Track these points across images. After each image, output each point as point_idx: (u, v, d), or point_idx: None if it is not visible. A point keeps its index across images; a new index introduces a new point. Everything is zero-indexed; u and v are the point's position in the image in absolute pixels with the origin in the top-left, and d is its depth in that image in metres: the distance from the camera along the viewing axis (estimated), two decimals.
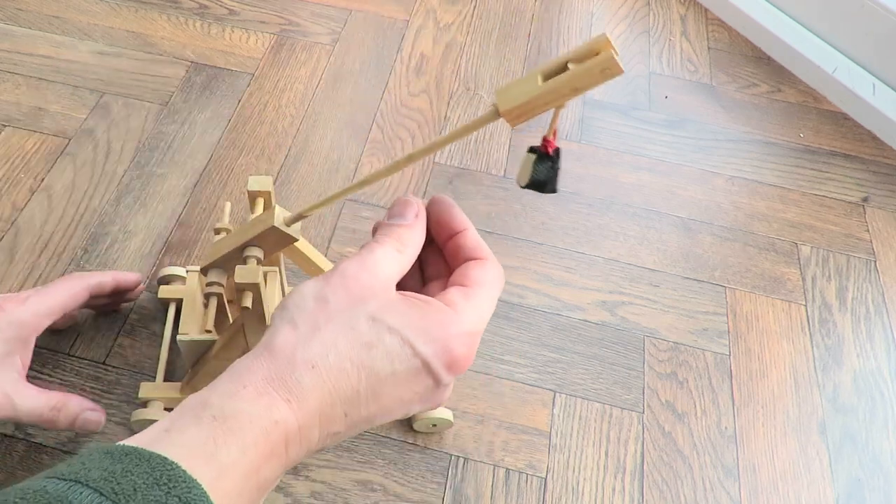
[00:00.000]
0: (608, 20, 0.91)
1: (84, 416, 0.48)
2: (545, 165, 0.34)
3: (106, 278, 0.54)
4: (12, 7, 0.82)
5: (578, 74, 0.29)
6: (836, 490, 0.55)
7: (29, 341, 0.48)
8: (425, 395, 0.31)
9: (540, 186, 0.33)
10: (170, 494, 0.23)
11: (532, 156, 0.34)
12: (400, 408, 0.31)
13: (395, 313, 0.30)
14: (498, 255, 0.59)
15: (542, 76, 0.30)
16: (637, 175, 0.74)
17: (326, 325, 0.29)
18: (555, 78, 0.30)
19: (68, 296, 0.50)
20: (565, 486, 0.53)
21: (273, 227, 0.40)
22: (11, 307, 0.47)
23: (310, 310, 0.30)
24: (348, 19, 0.87)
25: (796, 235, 0.70)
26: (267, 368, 0.28)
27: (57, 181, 0.67)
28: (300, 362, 0.28)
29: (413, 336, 0.30)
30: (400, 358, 0.30)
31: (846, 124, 0.82)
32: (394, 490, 0.52)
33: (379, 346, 0.29)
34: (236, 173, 0.69)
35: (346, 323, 0.30)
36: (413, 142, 0.74)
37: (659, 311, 0.63)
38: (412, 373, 0.30)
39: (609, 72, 0.28)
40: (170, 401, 0.52)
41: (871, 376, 0.61)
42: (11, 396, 0.45)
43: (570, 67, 0.29)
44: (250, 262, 0.42)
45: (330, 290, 0.30)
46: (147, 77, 0.77)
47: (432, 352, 0.30)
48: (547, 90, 0.30)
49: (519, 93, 0.31)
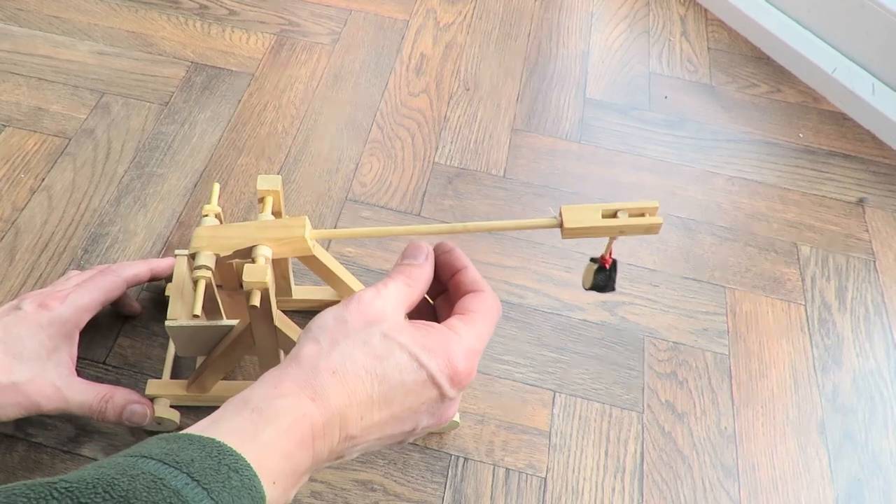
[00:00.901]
0: (608, 20, 0.91)
1: (130, 408, 0.50)
2: (603, 275, 0.44)
3: (142, 268, 0.55)
4: (12, 7, 0.82)
5: (629, 225, 0.40)
6: (835, 490, 0.55)
7: (73, 336, 0.50)
8: (432, 406, 0.36)
9: (600, 290, 0.45)
10: (221, 463, 0.28)
11: (594, 265, 0.44)
12: (409, 418, 0.35)
13: (404, 333, 0.35)
14: (498, 255, 0.61)
15: (602, 213, 0.40)
16: (637, 175, 0.74)
17: (345, 340, 0.35)
18: (611, 219, 0.40)
19: (106, 289, 0.52)
20: (565, 485, 0.53)
21: (301, 237, 0.42)
22: (54, 304, 0.49)
23: (330, 328, 0.35)
24: (348, 19, 0.87)
25: (796, 235, 0.70)
26: (295, 374, 0.34)
27: (57, 181, 0.67)
28: (323, 369, 0.34)
29: (419, 351, 0.35)
30: (408, 370, 0.35)
31: (846, 124, 0.82)
32: (394, 490, 0.52)
33: (390, 358, 0.34)
34: (236, 173, 0.70)
35: (362, 339, 0.35)
36: (413, 142, 0.75)
37: (659, 311, 0.63)
38: (419, 383, 0.35)
39: (650, 230, 0.40)
40: (176, 398, 0.52)
41: (870, 376, 0.61)
42: (62, 389, 0.48)
43: (619, 216, 0.40)
44: (259, 260, 0.42)
45: (348, 313, 0.36)
46: (147, 77, 0.77)
47: (436, 365, 0.35)
48: (603, 226, 0.40)
49: (582, 218, 0.40)
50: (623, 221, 0.40)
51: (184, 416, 0.53)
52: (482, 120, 0.78)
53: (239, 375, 0.56)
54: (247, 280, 0.41)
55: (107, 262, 0.61)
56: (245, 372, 0.56)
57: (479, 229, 0.41)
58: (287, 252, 0.44)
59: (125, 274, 0.54)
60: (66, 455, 0.51)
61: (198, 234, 0.43)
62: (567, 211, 0.40)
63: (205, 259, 0.42)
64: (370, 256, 0.64)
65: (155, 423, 0.52)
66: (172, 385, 0.53)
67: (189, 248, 0.43)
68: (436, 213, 0.68)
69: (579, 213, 0.40)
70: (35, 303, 0.49)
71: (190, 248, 0.43)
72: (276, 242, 0.43)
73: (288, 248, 0.43)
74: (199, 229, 0.44)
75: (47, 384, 0.47)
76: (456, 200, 0.70)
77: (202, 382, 0.51)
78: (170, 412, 0.52)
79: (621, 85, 0.83)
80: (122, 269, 0.54)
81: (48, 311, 0.48)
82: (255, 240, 0.42)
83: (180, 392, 0.52)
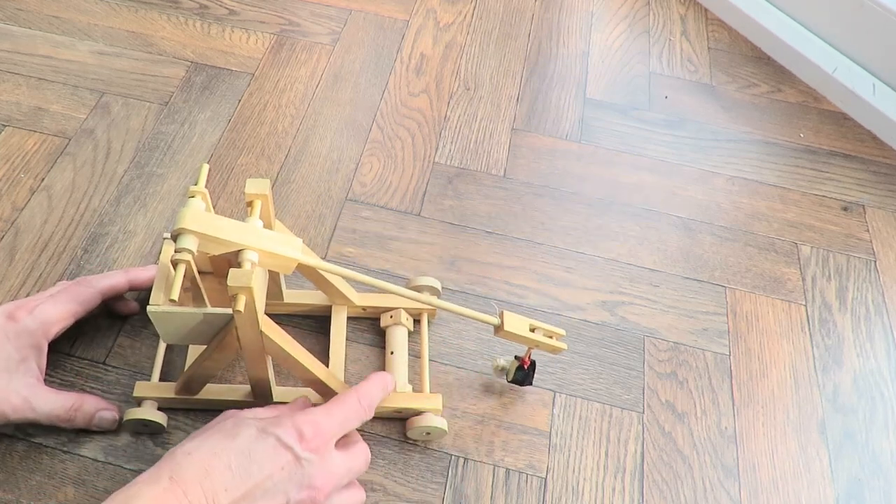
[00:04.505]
0: (608, 20, 0.91)
1: (100, 416, 0.50)
2: (522, 373, 0.54)
3: (118, 279, 0.54)
4: (12, 7, 0.82)
5: (541, 342, 0.51)
6: (836, 490, 0.55)
7: (41, 347, 0.50)
8: (293, 472, 0.41)
9: (519, 384, 0.55)
10: None
11: (516, 363, 0.54)
12: (274, 488, 0.40)
13: (251, 414, 0.44)
14: (498, 255, 0.61)
15: (529, 326, 0.50)
16: (637, 175, 0.74)
17: (199, 434, 0.43)
18: (533, 333, 0.50)
19: (77, 302, 0.51)
20: (565, 486, 0.53)
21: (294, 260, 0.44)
22: (22, 315, 0.49)
23: (192, 435, 0.44)
24: (348, 19, 0.87)
25: (796, 235, 0.70)
26: (157, 467, 0.40)
27: (57, 181, 0.67)
28: (178, 452, 0.40)
29: (265, 424, 0.42)
30: (257, 438, 0.41)
31: (846, 124, 0.82)
32: (394, 490, 0.52)
33: (240, 435, 0.41)
34: (236, 173, 0.70)
35: (215, 429, 0.42)
36: (413, 142, 0.75)
37: (659, 311, 0.63)
38: (270, 448, 0.41)
39: (554, 351, 0.52)
40: (164, 400, 0.52)
41: (871, 376, 0.61)
42: (30, 399, 0.48)
43: (536, 332, 0.50)
44: (245, 265, 0.42)
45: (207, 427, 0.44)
46: (147, 77, 0.77)
47: (282, 430, 0.41)
48: (527, 337, 0.50)
49: (517, 326, 0.50)
50: (537, 337, 0.50)
51: (172, 419, 0.53)
52: (482, 120, 0.78)
53: (239, 376, 0.56)
54: (231, 284, 0.40)
55: (106, 262, 0.61)
56: (244, 373, 0.56)
57: (439, 307, 0.48)
58: (271, 265, 0.44)
59: (100, 285, 0.53)
60: (66, 455, 0.51)
61: (184, 216, 0.41)
62: (508, 316, 0.50)
63: (186, 241, 0.41)
64: (370, 256, 0.64)
65: (142, 426, 0.52)
66: (161, 387, 0.52)
67: (172, 229, 0.41)
68: (436, 213, 0.68)
69: (515, 321, 0.50)
70: (5, 314, 0.49)
71: (173, 228, 0.41)
72: (267, 255, 0.43)
73: (275, 262, 0.44)
74: (185, 210, 0.41)
75: (14, 394, 0.47)
76: (456, 200, 0.70)
77: (189, 385, 0.51)
78: (157, 415, 0.51)
79: (621, 85, 0.83)
80: (98, 280, 0.53)
81: (16, 322, 0.48)
82: (247, 244, 0.42)
83: (168, 394, 0.52)
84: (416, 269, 0.64)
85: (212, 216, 0.42)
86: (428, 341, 0.58)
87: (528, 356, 0.54)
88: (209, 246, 0.42)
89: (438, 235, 0.67)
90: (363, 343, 0.59)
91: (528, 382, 0.55)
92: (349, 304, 0.58)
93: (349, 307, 0.58)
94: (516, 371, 0.54)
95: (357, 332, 0.59)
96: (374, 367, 0.58)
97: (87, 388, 0.54)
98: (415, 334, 0.59)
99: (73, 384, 0.54)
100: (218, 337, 0.46)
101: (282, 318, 0.59)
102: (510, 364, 0.55)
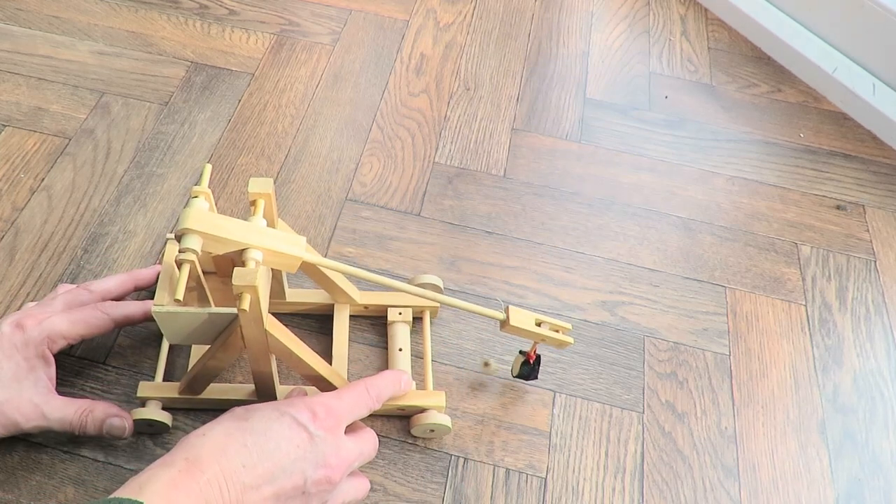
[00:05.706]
0: (608, 20, 0.91)
1: (109, 422, 0.50)
2: (527, 368, 0.54)
3: (134, 310, 0.53)
4: (12, 7, 0.82)
5: (548, 336, 0.51)
6: (836, 490, 0.55)
7: (47, 358, 0.50)
8: (308, 451, 0.41)
9: (525, 379, 0.55)
10: None
11: (521, 357, 0.54)
12: (291, 467, 0.40)
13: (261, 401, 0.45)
14: (498, 255, 0.61)
15: (535, 321, 0.50)
16: (637, 175, 0.74)
17: (213, 422, 0.42)
18: (539, 328, 0.50)
19: (91, 325, 0.51)
20: (565, 486, 0.53)
21: (298, 258, 0.44)
22: (29, 324, 0.49)
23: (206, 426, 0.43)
24: (348, 19, 0.87)
25: (796, 235, 0.70)
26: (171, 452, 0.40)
27: (57, 181, 0.67)
28: (192, 436, 0.40)
29: (278, 405, 0.43)
30: (272, 417, 0.41)
31: (846, 124, 0.82)
32: (394, 490, 0.52)
33: (254, 417, 0.42)
34: (236, 173, 0.70)
35: (226, 415, 0.43)
36: (413, 142, 0.75)
37: (659, 311, 0.63)
38: (285, 427, 0.41)
39: (561, 346, 0.52)
40: (168, 400, 0.52)
41: (871, 376, 0.61)
42: (41, 407, 0.48)
43: (542, 326, 0.50)
44: (249, 264, 0.42)
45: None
46: (147, 77, 0.77)
47: (296, 410, 0.42)
48: (533, 331, 0.50)
49: (523, 321, 0.50)
50: (543, 331, 0.50)
51: (176, 419, 0.53)
52: (482, 120, 0.78)
53: (239, 376, 0.56)
54: (236, 283, 0.40)
55: (106, 263, 0.61)
56: (244, 372, 0.56)
57: (445, 303, 0.48)
58: (275, 263, 0.44)
59: (115, 314, 0.52)
60: (66, 455, 0.51)
61: (187, 216, 0.41)
62: (513, 311, 0.49)
63: (190, 241, 0.41)
64: (370, 256, 0.64)
65: (146, 426, 0.52)
66: (165, 387, 0.52)
67: (176, 230, 0.41)
68: (436, 213, 0.68)
69: (521, 316, 0.50)
70: (13, 324, 0.49)
71: (177, 229, 0.41)
72: (271, 253, 0.43)
73: (279, 260, 0.43)
74: (189, 210, 0.42)
75: (25, 402, 0.47)
76: (456, 200, 0.70)
77: (193, 385, 0.51)
78: (161, 415, 0.51)
79: (621, 85, 0.83)
80: (115, 308, 0.52)
81: (23, 332, 0.48)
82: (252, 242, 0.42)
83: (172, 394, 0.52)
84: (416, 268, 0.64)
85: (215, 216, 0.42)
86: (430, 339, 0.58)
87: (533, 351, 0.53)
88: (213, 245, 0.42)
89: (438, 235, 0.67)
90: (363, 343, 0.59)
91: (533, 377, 0.55)
92: (351, 303, 0.58)
93: (351, 305, 0.58)
94: (522, 366, 0.54)
95: (357, 331, 0.59)
96: (374, 366, 0.58)
97: (87, 388, 0.54)
98: (416, 333, 0.59)
99: (73, 384, 0.54)
100: (222, 336, 0.46)
101: (284, 317, 0.59)
102: (515, 359, 0.55)
